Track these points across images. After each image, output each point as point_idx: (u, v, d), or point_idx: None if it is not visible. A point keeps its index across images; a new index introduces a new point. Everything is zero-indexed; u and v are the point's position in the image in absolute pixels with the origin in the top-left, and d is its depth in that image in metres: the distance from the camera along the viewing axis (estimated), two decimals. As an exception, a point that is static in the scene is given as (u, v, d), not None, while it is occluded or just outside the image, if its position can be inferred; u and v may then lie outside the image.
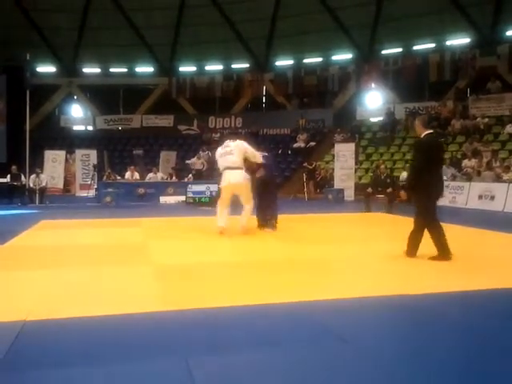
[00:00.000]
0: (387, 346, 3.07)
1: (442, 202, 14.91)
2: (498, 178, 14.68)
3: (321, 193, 18.39)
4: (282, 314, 3.68)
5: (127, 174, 17.68)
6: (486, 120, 19.45)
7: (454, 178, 15.81)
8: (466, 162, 16.58)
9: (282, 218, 8.80)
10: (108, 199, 15.09)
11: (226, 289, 4.40)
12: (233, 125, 26.56)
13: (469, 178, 15.52)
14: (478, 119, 19.66)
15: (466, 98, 21.71)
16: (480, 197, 13.95)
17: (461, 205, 14.32)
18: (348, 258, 6.10)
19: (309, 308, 3.79)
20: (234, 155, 7.72)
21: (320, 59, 25.72)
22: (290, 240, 7.40)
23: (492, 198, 13.61)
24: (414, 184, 5.99)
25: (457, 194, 14.77)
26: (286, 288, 4.45)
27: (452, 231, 6.52)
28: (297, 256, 6.14)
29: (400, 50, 23.85)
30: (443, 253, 5.74)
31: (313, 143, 23.62)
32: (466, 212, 13.29)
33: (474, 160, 16.41)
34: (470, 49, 22.03)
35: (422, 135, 6.08)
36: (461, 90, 22.24)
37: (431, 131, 6.26)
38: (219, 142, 9.28)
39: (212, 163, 20.06)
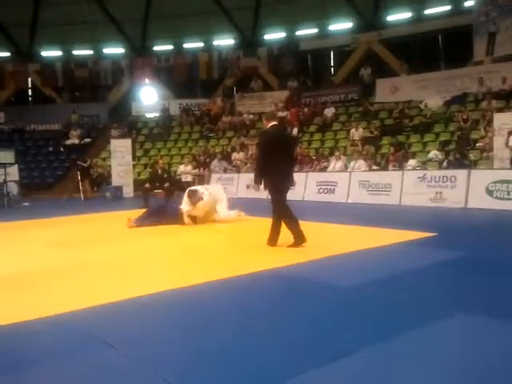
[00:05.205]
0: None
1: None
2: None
3: (98, 191, 17.81)
4: (43, 327, 3.50)
5: None
6: (251, 116, 21.34)
7: (225, 170, 17.03)
8: (235, 155, 18.01)
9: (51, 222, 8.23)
10: None
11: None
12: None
13: (237, 169, 16.89)
14: (244, 115, 21.46)
15: (232, 95, 23.46)
16: (248, 186, 15.26)
17: (231, 195, 15.44)
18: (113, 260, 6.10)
19: (72, 318, 3.68)
20: None
21: (91, 52, 24.76)
22: (59, 245, 7.02)
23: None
24: (258, 176, 5.99)
25: (228, 184, 15.89)
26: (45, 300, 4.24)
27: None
28: (65, 262, 5.85)
29: (171, 47, 24.48)
30: (298, 240, 5.91)
31: (88, 139, 22.63)
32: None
33: (241, 153, 17.92)
34: (234, 50, 23.83)
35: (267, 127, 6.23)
36: (228, 88, 23.94)
37: (275, 123, 6.31)
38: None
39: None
